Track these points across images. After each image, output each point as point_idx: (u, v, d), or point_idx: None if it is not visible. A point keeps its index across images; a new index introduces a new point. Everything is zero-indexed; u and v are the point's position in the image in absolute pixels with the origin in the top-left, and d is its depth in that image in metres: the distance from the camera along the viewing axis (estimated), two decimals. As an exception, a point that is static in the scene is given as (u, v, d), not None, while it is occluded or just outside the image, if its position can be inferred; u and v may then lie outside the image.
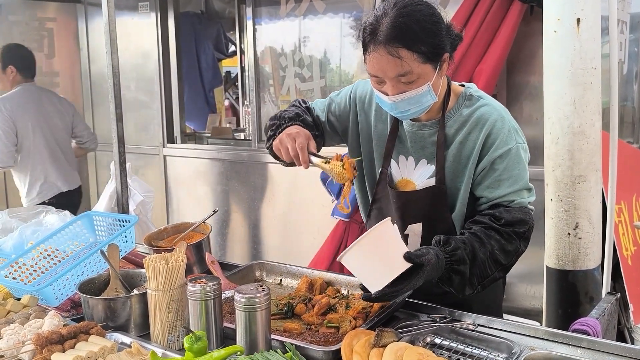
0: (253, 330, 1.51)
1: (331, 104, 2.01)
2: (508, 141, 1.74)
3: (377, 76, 1.67)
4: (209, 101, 7.00)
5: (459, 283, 1.67)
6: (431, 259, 1.55)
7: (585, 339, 1.59)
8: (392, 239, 1.53)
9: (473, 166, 1.77)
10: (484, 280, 1.71)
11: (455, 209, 1.83)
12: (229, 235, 4.81)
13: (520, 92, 3.56)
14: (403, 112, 1.72)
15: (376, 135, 1.92)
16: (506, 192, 1.74)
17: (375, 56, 1.63)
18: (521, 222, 1.72)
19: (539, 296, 3.50)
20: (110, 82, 2.58)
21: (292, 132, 1.76)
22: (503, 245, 1.70)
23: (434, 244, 1.66)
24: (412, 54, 1.60)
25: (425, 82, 1.65)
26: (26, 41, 5.51)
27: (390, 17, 1.60)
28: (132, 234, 2.10)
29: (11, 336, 1.56)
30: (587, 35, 2.13)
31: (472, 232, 1.70)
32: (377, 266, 1.51)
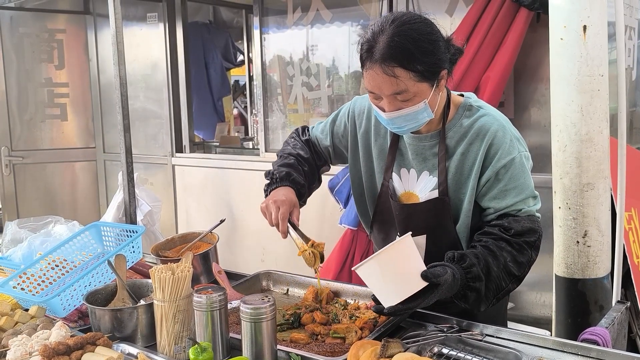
0: (259, 341, 1.50)
1: (333, 126, 2.04)
2: (511, 151, 1.74)
3: (374, 92, 1.67)
4: (218, 110, 7.03)
5: (474, 300, 1.66)
6: (448, 279, 1.55)
7: (595, 349, 1.57)
8: (411, 255, 1.52)
9: (476, 177, 1.76)
10: (498, 293, 1.70)
11: (459, 220, 1.82)
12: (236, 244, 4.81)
13: (528, 99, 3.54)
14: (400, 127, 1.72)
15: (376, 149, 1.92)
16: (513, 202, 1.74)
17: (371, 74, 1.63)
18: (531, 231, 1.72)
19: (548, 304, 3.47)
20: (118, 93, 2.60)
21: (277, 199, 1.84)
22: (515, 256, 1.69)
23: (447, 260, 1.64)
24: (408, 73, 1.59)
25: (421, 99, 1.65)
26: (36, 52, 5.60)
27: (386, 35, 1.60)
28: (139, 244, 2.10)
29: (18, 347, 1.57)
30: (594, 42, 2.12)
31: (484, 246, 1.68)
32: (393, 282, 1.49)
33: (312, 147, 2.08)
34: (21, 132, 5.62)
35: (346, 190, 3.71)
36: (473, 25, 3.25)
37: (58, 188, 5.85)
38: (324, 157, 2.09)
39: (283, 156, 2.04)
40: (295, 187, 1.92)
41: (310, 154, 2.05)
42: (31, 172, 5.69)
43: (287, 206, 1.83)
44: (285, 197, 1.86)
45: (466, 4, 3.59)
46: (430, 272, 1.51)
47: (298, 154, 2.03)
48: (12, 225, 2.78)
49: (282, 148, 2.10)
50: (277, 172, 1.95)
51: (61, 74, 5.73)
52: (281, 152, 2.08)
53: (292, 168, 1.97)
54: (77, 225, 2.70)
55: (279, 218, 1.80)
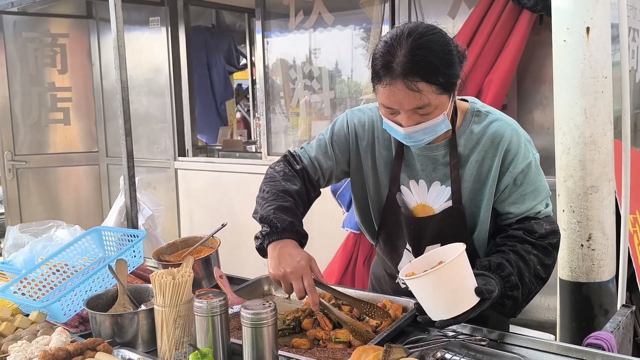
0: (260, 346, 1.49)
1: (332, 143, 1.90)
2: (527, 155, 1.72)
3: (392, 108, 1.61)
4: (221, 114, 7.04)
5: (510, 308, 1.65)
6: (496, 295, 1.55)
7: (600, 354, 1.55)
8: (465, 271, 1.49)
9: (494, 184, 1.74)
10: (528, 297, 1.70)
11: (476, 228, 1.80)
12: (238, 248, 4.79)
13: (531, 101, 3.53)
14: (417, 141, 1.68)
15: (381, 162, 1.87)
16: (532, 205, 1.74)
17: (391, 89, 1.56)
18: (552, 232, 1.72)
19: (552, 308, 3.44)
20: (119, 97, 2.59)
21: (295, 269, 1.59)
22: (542, 259, 1.69)
23: (482, 268, 1.62)
24: (431, 87, 1.54)
25: (441, 112, 1.61)
26: (39, 57, 5.61)
27: (406, 48, 1.53)
28: (140, 248, 2.09)
29: (18, 353, 1.56)
30: (597, 44, 2.11)
31: (513, 250, 1.67)
32: (447, 297, 1.47)
33: (306, 176, 1.88)
34: (24, 136, 5.63)
35: (348, 194, 3.69)
36: (475, 28, 3.23)
37: (61, 192, 5.85)
38: (319, 184, 1.92)
39: (276, 194, 1.79)
40: (298, 240, 1.71)
41: (303, 186, 1.85)
42: (34, 177, 5.69)
43: (308, 272, 1.61)
44: (300, 257, 1.63)
45: (468, 7, 3.57)
46: (484, 289, 1.50)
47: (294, 191, 1.81)
48: (14, 230, 2.77)
49: (269, 179, 1.86)
50: (277, 221, 1.70)
51: (64, 78, 5.74)
52: (271, 186, 1.82)
53: (292, 215, 1.74)
54: (79, 229, 2.69)
55: (306, 290, 1.59)
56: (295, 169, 1.88)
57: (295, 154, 1.93)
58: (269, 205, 1.76)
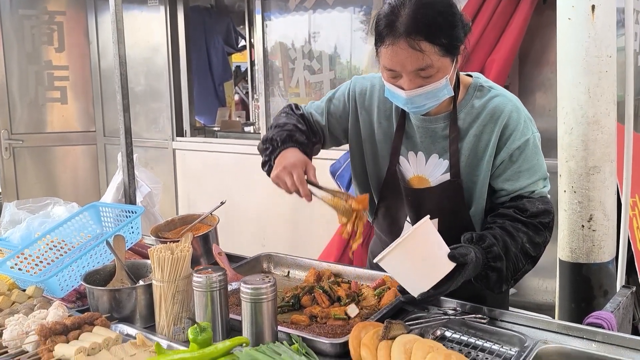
0: (259, 321, 1.48)
1: (329, 105, 1.93)
2: (525, 132, 1.70)
3: (394, 70, 1.59)
4: (219, 95, 7.00)
5: (496, 280, 1.64)
6: (473, 258, 1.52)
7: (600, 333, 1.54)
8: (433, 238, 1.48)
9: (491, 159, 1.72)
10: (516, 274, 1.69)
11: (472, 203, 1.79)
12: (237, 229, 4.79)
13: (533, 83, 3.50)
14: (418, 107, 1.66)
15: (380, 132, 1.86)
16: (526, 184, 1.71)
17: (393, 49, 1.55)
18: (545, 212, 1.70)
19: (551, 290, 3.45)
20: (117, 73, 2.56)
21: (287, 164, 1.69)
22: (531, 237, 1.67)
23: (465, 241, 1.61)
24: (434, 47, 1.53)
25: (443, 75, 1.59)
26: (36, 35, 5.55)
27: (410, 8, 1.53)
28: (138, 224, 2.07)
29: (15, 327, 1.54)
30: (602, 23, 2.09)
31: (500, 226, 1.66)
32: (420, 268, 1.46)
33: (307, 122, 1.93)
34: (21, 115, 5.59)
35: (348, 175, 3.68)
36: (479, 7, 3.20)
37: (58, 172, 5.83)
38: (319, 134, 1.95)
39: (278, 125, 1.87)
40: (300, 147, 1.78)
41: (306, 128, 1.89)
42: (31, 156, 5.66)
43: (299, 167, 1.67)
44: (294, 158, 1.71)
45: (471, -14, 3.53)
46: (457, 252, 1.48)
47: (294, 125, 1.86)
48: (10, 207, 2.75)
49: (275, 122, 1.93)
50: (276, 136, 1.80)
51: (61, 56, 5.68)
52: (274, 123, 1.91)
53: (291, 131, 1.83)
54: (76, 206, 2.67)
55: (296, 183, 1.65)
56: (296, 114, 1.94)
57: (295, 105, 1.99)
58: (271, 132, 1.86)
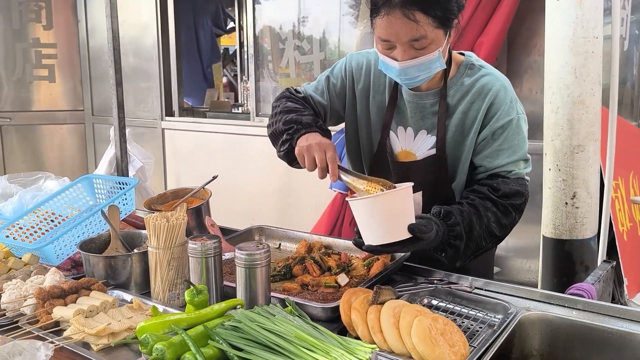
0: (253, 287, 1.52)
1: (328, 83, 1.95)
2: (510, 112, 1.74)
3: (389, 40, 1.62)
4: (207, 77, 6.99)
5: (452, 256, 1.68)
6: (431, 237, 1.55)
7: (581, 301, 1.60)
8: (405, 205, 1.52)
9: (475, 135, 1.77)
10: (477, 251, 1.73)
11: (456, 178, 1.83)
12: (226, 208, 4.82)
13: (521, 66, 3.55)
14: (411, 78, 1.69)
15: (374, 106, 1.90)
16: (505, 162, 1.75)
17: (388, 19, 1.58)
18: (518, 194, 1.73)
19: (534, 269, 3.53)
20: (110, 47, 2.57)
21: (322, 142, 1.65)
22: (499, 218, 1.71)
23: (434, 214, 1.65)
24: (428, 18, 1.56)
25: (436, 47, 1.63)
26: (24, 12, 5.50)
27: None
28: (132, 196, 2.10)
29: (13, 291, 1.57)
30: (590, 4, 2.13)
31: (470, 204, 1.70)
32: (381, 224, 1.51)
33: (310, 105, 1.95)
34: (8, 92, 5.56)
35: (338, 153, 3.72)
36: (468, -11, 3.23)
37: (45, 150, 5.81)
38: (320, 117, 1.97)
39: (290, 110, 1.84)
40: (323, 134, 1.74)
41: (310, 110, 1.90)
42: (18, 134, 5.64)
43: (333, 150, 1.64)
44: (323, 139, 1.68)
45: (462, -31, 3.56)
46: (417, 227, 1.51)
47: (305, 107, 1.87)
48: (2, 180, 2.76)
49: (281, 103, 1.91)
50: (301, 118, 1.76)
51: (49, 34, 5.64)
52: (283, 107, 1.87)
53: (312, 116, 1.80)
54: (68, 181, 2.69)
55: (326, 160, 1.61)
56: (297, 97, 1.95)
57: (295, 88, 2.00)
58: (287, 115, 1.80)
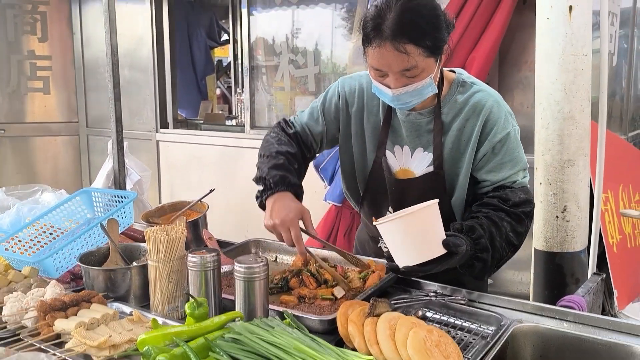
0: (251, 300, 1.55)
1: (323, 109, 1.99)
2: (506, 126, 1.79)
3: (381, 70, 1.67)
4: (201, 89, 7.03)
5: (480, 270, 1.72)
6: (463, 251, 1.60)
7: (572, 313, 1.64)
8: (435, 221, 1.56)
9: (473, 152, 1.81)
10: (499, 262, 1.78)
11: (454, 193, 1.87)
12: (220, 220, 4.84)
13: (512, 81, 3.62)
14: (404, 103, 1.74)
15: (369, 127, 1.94)
16: (508, 174, 1.80)
17: (380, 51, 1.62)
18: (526, 202, 1.79)
19: (525, 282, 3.57)
20: (109, 61, 2.60)
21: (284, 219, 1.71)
22: (514, 226, 1.76)
23: (455, 230, 1.69)
24: (418, 49, 1.61)
25: (427, 75, 1.67)
26: (19, 24, 5.53)
27: (395, 11, 1.60)
28: (130, 209, 2.13)
29: (14, 303, 1.59)
30: (579, 23, 2.19)
31: (486, 216, 1.74)
32: (414, 244, 1.53)
33: (300, 139, 1.99)
34: (2, 104, 5.58)
35: (331, 168, 3.76)
36: (461, 6, 3.30)
37: (39, 162, 5.82)
38: (313, 147, 2.02)
39: (270, 156, 1.89)
40: (292, 191, 1.82)
41: (298, 149, 1.95)
42: (12, 145, 5.65)
43: (296, 223, 1.72)
44: (289, 209, 1.74)
45: (454, -15, 3.63)
46: (451, 241, 1.56)
47: (286, 152, 1.91)
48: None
49: (266, 145, 1.96)
50: (269, 177, 1.82)
51: (44, 46, 5.67)
52: (266, 150, 1.93)
53: (285, 170, 1.85)
54: (65, 193, 2.70)
55: (292, 241, 1.72)
56: (288, 134, 1.98)
57: (289, 120, 2.02)
58: (264, 166, 1.87)
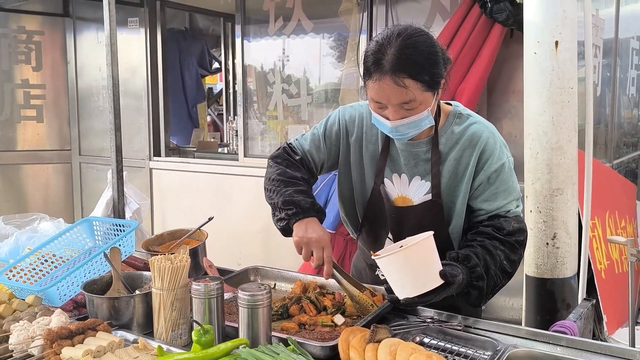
0: (255, 327, 1.59)
1: (324, 136, 2.05)
2: (501, 157, 1.87)
3: (380, 102, 1.75)
4: (192, 116, 7.09)
5: (476, 297, 1.79)
6: (460, 280, 1.67)
7: (565, 338, 1.69)
8: (432, 253, 1.62)
9: (469, 181, 1.88)
10: (494, 289, 1.84)
11: (451, 222, 1.94)
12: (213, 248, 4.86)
13: (500, 111, 3.71)
14: (403, 134, 1.81)
15: (368, 156, 2.01)
16: (502, 204, 1.87)
17: (380, 84, 1.70)
18: (520, 230, 1.86)
19: (517, 307, 3.62)
20: (110, 92, 2.67)
21: (320, 239, 1.81)
22: (508, 255, 1.82)
23: (451, 259, 1.75)
24: (416, 84, 1.68)
25: (425, 108, 1.75)
26: (13, 53, 5.59)
27: (395, 47, 1.68)
28: (132, 237, 2.17)
29: (21, 332, 1.62)
30: (565, 57, 2.29)
31: (481, 245, 1.80)
32: (412, 276, 1.60)
33: (306, 165, 2.05)
34: (-5, 132, 5.61)
35: (324, 195, 3.82)
36: (450, 39, 3.40)
37: (30, 189, 5.83)
38: (314, 173, 2.08)
39: (290, 182, 1.95)
40: (319, 217, 1.88)
41: (307, 174, 2.02)
42: (3, 173, 5.66)
43: (329, 245, 1.80)
44: (324, 232, 1.83)
45: (443, 19, 3.75)
46: (448, 272, 1.63)
47: (302, 177, 1.98)
48: (-3, 221, 2.80)
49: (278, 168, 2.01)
50: (300, 202, 1.88)
51: (38, 75, 5.73)
52: (282, 175, 1.98)
53: (309, 196, 1.92)
54: (62, 222, 2.74)
55: (324, 259, 1.79)
56: (295, 159, 2.04)
57: (292, 146, 2.08)
58: (286, 189, 1.93)
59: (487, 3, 3.36)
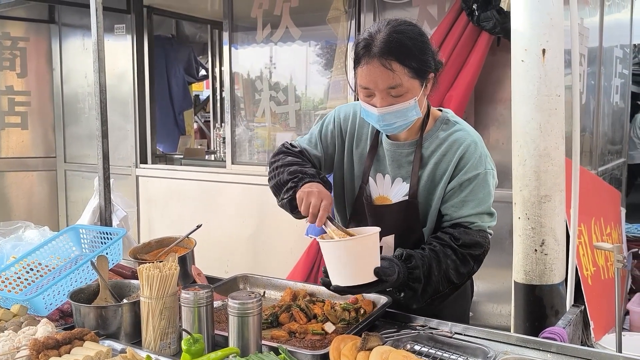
0: (245, 335, 1.57)
1: (321, 135, 2.08)
2: (478, 166, 1.88)
3: (368, 88, 1.78)
4: (179, 124, 7.07)
5: (409, 298, 1.80)
6: (393, 279, 1.68)
7: (555, 344, 1.70)
8: (373, 249, 1.65)
9: (445, 185, 1.90)
10: (434, 295, 1.83)
11: (427, 223, 1.96)
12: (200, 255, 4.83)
13: (487, 118, 3.74)
14: (389, 124, 1.83)
15: (357, 154, 2.04)
16: (468, 214, 1.87)
17: (368, 68, 1.75)
18: (477, 245, 1.85)
19: (505, 314, 3.63)
20: (97, 100, 2.65)
21: (322, 191, 1.78)
22: (458, 266, 1.82)
23: (396, 256, 1.78)
24: (403, 68, 1.73)
25: (412, 96, 1.78)
26: (-2, 59, 5.54)
27: (384, 33, 1.74)
28: (119, 246, 2.15)
29: (6, 342, 1.59)
30: (552, 65, 2.30)
31: (432, 249, 1.81)
32: (349, 267, 1.62)
33: (305, 157, 2.06)
34: (-22, 139, 5.54)
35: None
36: (438, 47, 3.41)
37: (13, 197, 5.77)
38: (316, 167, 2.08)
39: (292, 163, 1.95)
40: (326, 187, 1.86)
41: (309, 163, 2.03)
42: (-13, 181, 5.60)
43: (329, 200, 1.75)
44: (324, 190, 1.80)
45: (430, 27, 3.77)
46: (382, 270, 1.64)
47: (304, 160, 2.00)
48: (-19, 230, 2.75)
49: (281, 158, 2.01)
50: (305, 170, 1.89)
51: (23, 82, 5.68)
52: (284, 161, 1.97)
53: (315, 169, 1.94)
54: (48, 230, 2.70)
55: (319, 207, 1.72)
56: (295, 151, 2.05)
57: (291, 143, 2.11)
58: (291, 167, 1.92)
59: (474, 11, 3.38)
